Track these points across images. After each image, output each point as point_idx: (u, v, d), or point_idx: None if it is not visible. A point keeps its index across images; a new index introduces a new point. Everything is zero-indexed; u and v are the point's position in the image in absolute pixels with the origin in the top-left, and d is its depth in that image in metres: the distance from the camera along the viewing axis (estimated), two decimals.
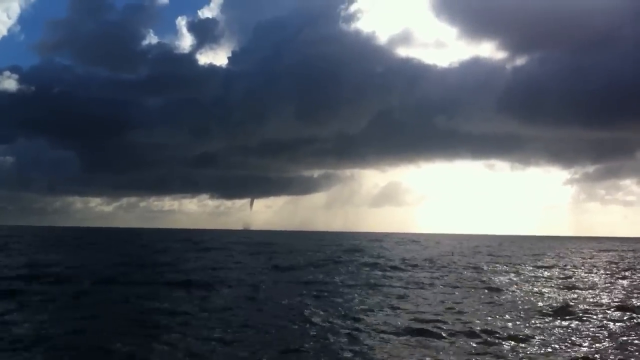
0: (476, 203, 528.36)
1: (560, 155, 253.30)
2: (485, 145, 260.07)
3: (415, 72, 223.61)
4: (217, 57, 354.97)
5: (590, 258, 62.22)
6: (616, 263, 53.19)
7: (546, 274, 37.96)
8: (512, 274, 36.58)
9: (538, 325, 17.95)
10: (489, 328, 16.93)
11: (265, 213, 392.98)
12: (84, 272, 30.90)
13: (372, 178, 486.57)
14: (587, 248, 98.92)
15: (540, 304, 22.53)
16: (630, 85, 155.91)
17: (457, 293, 25.72)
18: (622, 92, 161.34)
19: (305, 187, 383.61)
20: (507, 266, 44.49)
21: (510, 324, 17.86)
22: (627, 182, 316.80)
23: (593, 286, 29.94)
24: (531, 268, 43.02)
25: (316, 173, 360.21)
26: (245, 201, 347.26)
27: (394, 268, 39.19)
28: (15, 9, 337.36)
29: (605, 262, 54.93)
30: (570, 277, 35.17)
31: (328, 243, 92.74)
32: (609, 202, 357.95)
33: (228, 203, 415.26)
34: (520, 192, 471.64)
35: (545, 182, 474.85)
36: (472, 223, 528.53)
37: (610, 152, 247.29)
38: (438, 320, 18.06)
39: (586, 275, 37.67)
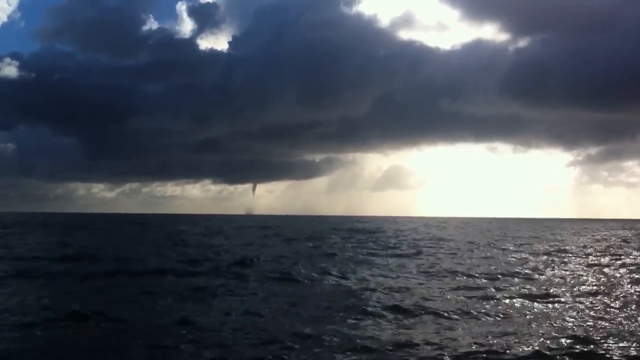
0: (478, 186, 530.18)
1: (563, 137, 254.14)
2: (487, 128, 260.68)
3: (417, 55, 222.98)
4: (218, 42, 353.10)
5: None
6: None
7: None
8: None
9: None
10: None
11: (267, 198, 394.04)
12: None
13: (375, 162, 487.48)
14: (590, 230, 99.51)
15: None
16: (632, 67, 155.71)
17: None
18: (624, 74, 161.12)
19: (308, 171, 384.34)
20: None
21: None
22: (630, 164, 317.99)
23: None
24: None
25: (318, 157, 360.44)
26: (248, 186, 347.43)
27: None
28: None
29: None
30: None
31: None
32: (612, 184, 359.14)
33: (230, 188, 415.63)
34: (523, 175, 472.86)
35: (547, 164, 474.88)
36: (474, 206, 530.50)
37: (612, 134, 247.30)
38: None
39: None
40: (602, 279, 24.66)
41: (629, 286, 22.25)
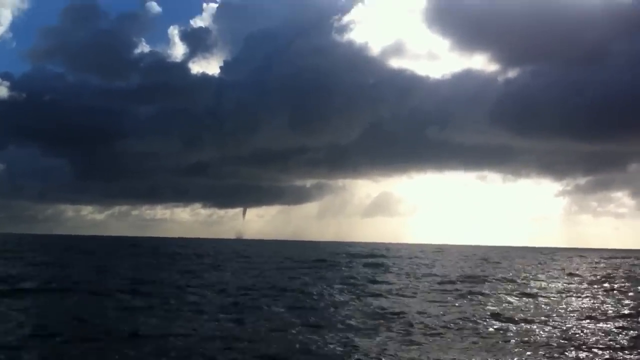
0: (468, 214, 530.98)
1: (552, 167, 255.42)
2: (477, 157, 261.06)
3: (407, 83, 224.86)
4: (209, 66, 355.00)
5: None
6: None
7: None
8: None
9: None
10: None
11: (257, 222, 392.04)
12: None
13: (364, 188, 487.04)
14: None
15: None
16: (622, 98, 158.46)
17: None
18: (613, 106, 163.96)
19: (298, 196, 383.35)
20: None
21: None
22: (619, 195, 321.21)
23: None
24: None
25: (308, 183, 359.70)
26: (238, 210, 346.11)
27: None
28: (7, 15, 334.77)
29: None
30: None
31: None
32: (601, 214, 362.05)
33: (220, 212, 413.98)
34: (512, 204, 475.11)
35: (536, 193, 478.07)
36: (464, 234, 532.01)
37: (602, 165, 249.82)
38: None
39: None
40: None
41: None
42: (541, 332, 19.00)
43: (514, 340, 17.18)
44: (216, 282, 33.18)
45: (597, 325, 20.82)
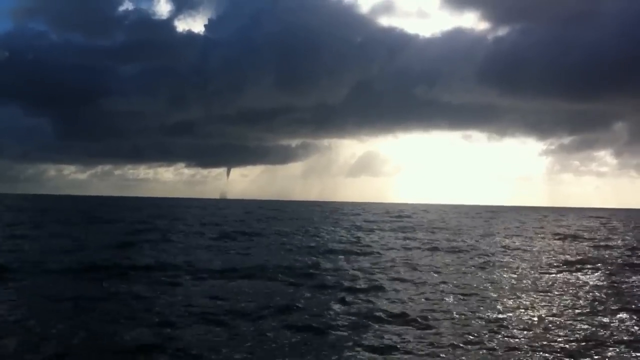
0: (452, 173, 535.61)
1: (538, 126, 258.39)
2: (463, 116, 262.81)
3: (396, 42, 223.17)
4: (195, 24, 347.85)
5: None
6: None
7: None
8: None
9: None
10: None
11: (241, 182, 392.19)
12: None
13: (350, 148, 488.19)
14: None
15: None
16: (609, 57, 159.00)
17: None
18: (601, 65, 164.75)
19: (283, 156, 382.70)
20: None
21: None
22: (602, 154, 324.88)
23: None
24: None
25: (294, 142, 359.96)
26: (222, 170, 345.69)
27: None
28: None
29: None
30: None
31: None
32: (583, 173, 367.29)
33: (204, 172, 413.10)
34: (496, 163, 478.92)
35: (521, 152, 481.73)
36: (447, 193, 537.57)
37: (586, 124, 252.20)
38: None
39: None
40: None
41: None
42: None
43: None
44: None
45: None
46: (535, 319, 13.98)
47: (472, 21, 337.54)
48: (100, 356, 10.54)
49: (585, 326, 13.28)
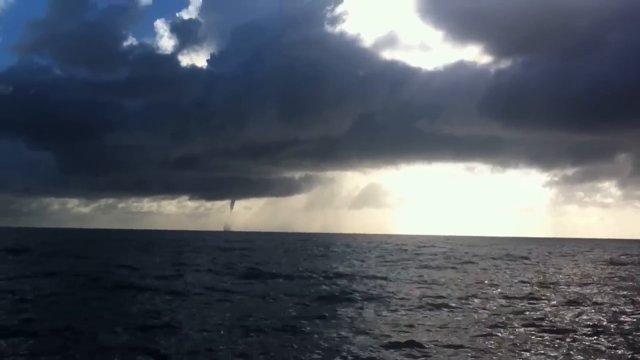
0: (456, 205, 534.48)
1: (541, 157, 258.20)
2: (466, 148, 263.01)
3: (399, 75, 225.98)
4: (199, 58, 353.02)
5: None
6: None
7: None
8: None
9: None
10: None
11: (244, 215, 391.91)
12: None
13: (353, 180, 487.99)
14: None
15: None
16: (612, 89, 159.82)
17: None
18: (603, 97, 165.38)
19: (287, 188, 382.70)
20: None
21: None
22: (606, 185, 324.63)
23: None
24: None
25: (297, 175, 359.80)
26: (225, 202, 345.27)
27: None
28: None
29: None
30: None
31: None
32: (587, 204, 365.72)
33: (208, 204, 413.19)
34: (500, 194, 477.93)
35: (524, 184, 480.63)
36: (451, 225, 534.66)
37: (590, 155, 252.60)
38: None
39: None
40: None
41: None
42: None
43: None
44: None
45: None
46: None
47: (474, 54, 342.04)
48: None
49: None
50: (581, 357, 13.16)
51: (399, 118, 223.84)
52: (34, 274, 29.33)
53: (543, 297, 23.88)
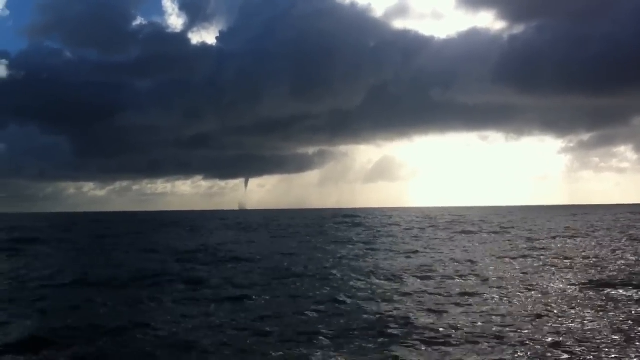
0: (470, 175, 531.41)
1: (556, 124, 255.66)
2: (480, 117, 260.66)
3: (411, 44, 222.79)
4: (209, 36, 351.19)
5: None
6: None
7: None
8: None
9: None
10: None
11: (258, 192, 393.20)
12: None
13: (366, 153, 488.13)
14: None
15: None
16: (626, 51, 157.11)
17: None
18: (618, 59, 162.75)
19: (300, 164, 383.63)
20: None
21: None
22: (622, 149, 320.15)
23: None
24: None
25: (311, 150, 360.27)
26: (239, 181, 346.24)
27: None
28: None
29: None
30: None
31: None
32: (603, 169, 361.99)
33: (222, 184, 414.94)
34: (515, 163, 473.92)
35: (539, 151, 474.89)
36: (466, 195, 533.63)
37: (605, 120, 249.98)
38: None
39: None
40: None
41: None
42: None
43: None
44: None
45: None
46: None
47: (488, 20, 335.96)
48: None
49: None
50: None
51: (412, 88, 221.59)
52: None
53: None
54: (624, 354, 10.21)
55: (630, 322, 12.61)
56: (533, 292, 16.57)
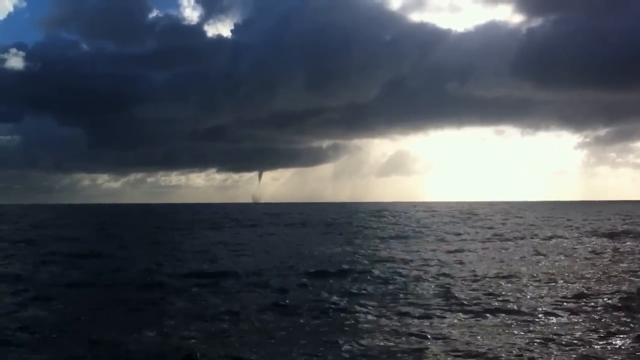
0: (485, 170, 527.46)
1: (573, 118, 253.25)
2: (496, 111, 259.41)
3: (428, 38, 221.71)
4: (225, 28, 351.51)
5: None
6: None
7: None
8: None
9: None
10: None
11: (272, 185, 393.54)
12: None
13: (381, 147, 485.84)
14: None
15: None
16: None
17: None
18: (637, 54, 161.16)
19: (314, 158, 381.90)
20: None
21: None
22: (639, 145, 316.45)
23: None
24: None
25: (325, 144, 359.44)
26: (253, 174, 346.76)
27: None
28: None
29: None
30: None
31: None
32: (620, 164, 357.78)
33: (235, 176, 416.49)
34: (531, 158, 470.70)
35: (555, 146, 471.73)
36: (481, 190, 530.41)
37: (622, 115, 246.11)
38: None
39: None
40: None
41: None
42: None
43: None
44: None
45: None
46: None
47: (506, 14, 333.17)
48: None
49: None
50: None
51: (428, 82, 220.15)
52: None
53: None
54: None
55: None
56: None
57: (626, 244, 33.77)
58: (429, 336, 12.38)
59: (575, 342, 11.80)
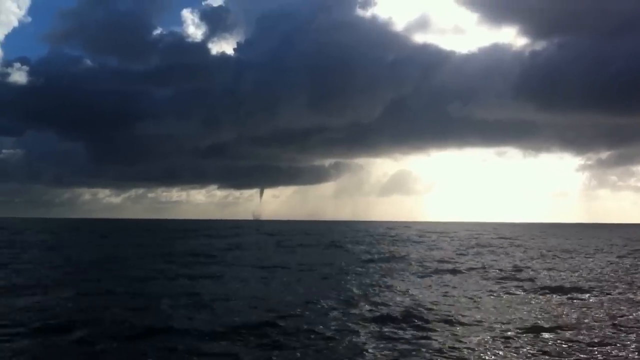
0: (486, 190, 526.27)
1: (575, 141, 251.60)
2: (498, 133, 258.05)
3: (431, 59, 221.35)
4: (229, 46, 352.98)
5: None
6: None
7: None
8: None
9: None
10: None
11: (272, 203, 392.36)
12: None
13: (382, 167, 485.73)
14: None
15: None
16: None
17: None
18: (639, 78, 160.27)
19: (316, 176, 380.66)
20: None
21: None
22: None
23: None
24: None
25: (327, 162, 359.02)
26: (254, 191, 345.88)
27: None
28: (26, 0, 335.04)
29: None
30: None
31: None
32: (621, 188, 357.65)
33: (236, 193, 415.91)
34: (532, 180, 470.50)
35: (557, 169, 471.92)
36: (482, 211, 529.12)
37: (625, 138, 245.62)
38: None
39: None
40: None
41: None
42: None
43: None
44: None
45: None
46: None
47: (510, 36, 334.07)
48: None
49: None
50: None
51: (431, 103, 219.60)
52: None
53: None
54: None
55: None
56: None
57: None
58: None
59: None
